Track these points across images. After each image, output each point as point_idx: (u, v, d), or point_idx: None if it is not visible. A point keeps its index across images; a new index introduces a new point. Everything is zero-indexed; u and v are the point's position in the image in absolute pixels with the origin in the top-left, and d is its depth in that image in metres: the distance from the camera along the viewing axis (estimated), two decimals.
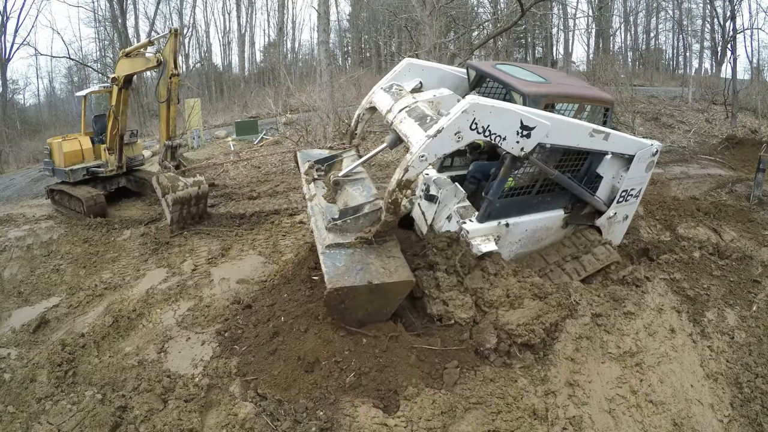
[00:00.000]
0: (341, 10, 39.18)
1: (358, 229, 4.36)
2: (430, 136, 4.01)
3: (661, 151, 5.69)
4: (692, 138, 15.03)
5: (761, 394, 4.38)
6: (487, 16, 24.36)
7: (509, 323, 4.20)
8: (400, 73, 5.50)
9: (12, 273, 6.96)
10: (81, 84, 32.16)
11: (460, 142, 4.13)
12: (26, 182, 13.89)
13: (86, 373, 4.42)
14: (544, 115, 4.46)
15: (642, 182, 5.48)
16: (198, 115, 16.78)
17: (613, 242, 5.70)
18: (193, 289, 5.92)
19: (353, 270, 4.01)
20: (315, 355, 3.95)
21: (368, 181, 5.16)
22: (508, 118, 4.26)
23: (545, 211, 5.21)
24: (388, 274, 4.01)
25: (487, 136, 4.22)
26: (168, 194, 7.60)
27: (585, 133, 4.77)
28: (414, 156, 3.99)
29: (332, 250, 4.20)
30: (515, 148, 4.37)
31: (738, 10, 20.67)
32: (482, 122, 4.13)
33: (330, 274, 3.95)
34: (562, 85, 5.44)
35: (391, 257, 4.20)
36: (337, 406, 3.62)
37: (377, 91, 5.37)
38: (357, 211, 4.53)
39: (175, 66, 7.79)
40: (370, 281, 3.91)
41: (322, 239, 4.33)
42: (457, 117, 4.04)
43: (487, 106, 4.15)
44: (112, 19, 27.70)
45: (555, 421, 3.75)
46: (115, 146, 9.50)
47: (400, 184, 4.04)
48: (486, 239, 4.81)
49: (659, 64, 36.55)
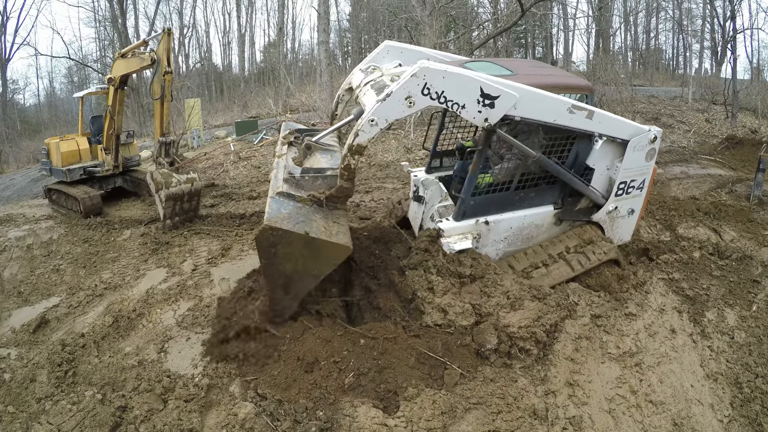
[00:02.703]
0: (341, 10, 39.21)
1: (313, 189, 4.38)
2: (380, 101, 3.97)
3: (662, 151, 5.56)
4: (692, 138, 15.03)
5: (761, 394, 4.38)
6: (487, 16, 24.35)
7: (510, 325, 4.17)
8: (379, 54, 5.43)
9: (12, 273, 6.96)
10: (81, 84, 32.17)
11: (413, 107, 4.04)
12: (26, 182, 13.89)
13: (86, 373, 4.42)
14: (510, 85, 4.22)
15: (644, 172, 5.11)
16: (198, 115, 16.78)
17: (621, 239, 5.42)
18: (193, 289, 5.92)
19: (295, 219, 4.00)
20: (314, 356, 3.95)
21: (338, 153, 5.08)
22: (465, 85, 4.07)
23: (531, 208, 4.99)
24: (328, 234, 4.00)
25: (442, 103, 4.08)
26: (161, 190, 7.75)
27: (563, 108, 4.45)
28: (364, 120, 3.97)
29: (282, 198, 4.22)
30: (478, 118, 4.19)
31: (738, 10, 20.68)
32: (435, 87, 4.00)
33: (271, 214, 3.96)
34: (528, 76, 5.03)
35: (335, 223, 4.19)
36: (337, 407, 3.62)
37: (355, 72, 5.34)
38: (318, 172, 4.57)
39: (169, 64, 7.94)
40: (307, 232, 3.88)
41: (276, 187, 4.33)
42: (407, 81, 3.95)
43: (439, 70, 3.99)
44: (112, 19, 27.74)
45: (555, 421, 3.75)
46: (112, 146, 9.61)
47: (351, 149, 4.03)
48: (463, 237, 4.68)
49: (659, 64, 36.55)
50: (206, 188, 10.83)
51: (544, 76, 5.26)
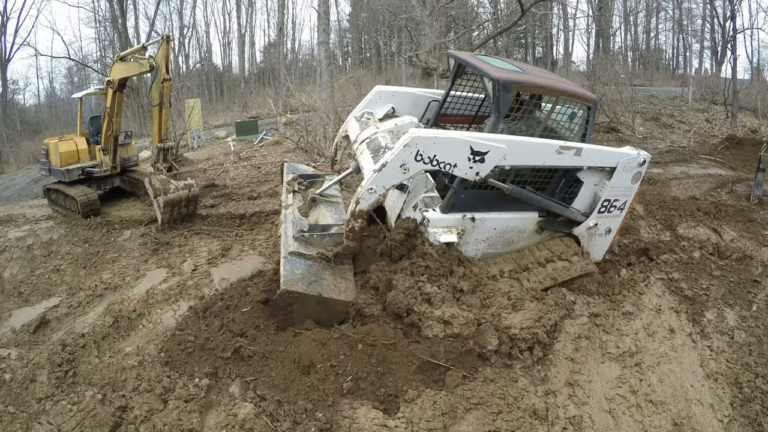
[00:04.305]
0: (341, 10, 39.21)
1: (321, 246, 4.76)
2: (376, 171, 4.23)
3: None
4: (692, 138, 15.01)
5: (761, 394, 4.38)
6: (487, 16, 24.36)
7: (512, 326, 4.15)
8: (371, 100, 5.65)
9: (12, 273, 6.95)
10: (81, 84, 32.20)
11: (408, 173, 4.27)
12: (26, 182, 13.88)
13: (86, 374, 4.42)
14: (498, 139, 4.35)
15: (627, 194, 5.16)
16: (198, 115, 16.78)
17: (594, 257, 5.38)
18: (193, 289, 5.92)
19: (308, 279, 4.38)
20: (310, 359, 3.94)
21: (342, 206, 5.57)
22: (455, 146, 4.25)
23: (517, 211, 4.94)
24: (337, 292, 4.40)
25: (435, 166, 4.28)
26: (159, 196, 7.90)
27: (551, 151, 4.58)
28: (363, 189, 4.27)
29: (294, 257, 4.58)
30: (469, 174, 4.37)
31: (738, 10, 20.67)
32: (427, 153, 4.20)
33: (287, 276, 4.32)
34: (538, 77, 5.09)
35: (343, 278, 4.60)
36: (336, 408, 3.62)
37: (350, 120, 5.57)
38: (325, 229, 4.95)
39: (168, 71, 8.04)
40: (320, 293, 4.29)
41: (287, 245, 4.72)
42: (400, 151, 4.17)
43: (430, 137, 4.20)
44: (112, 20, 27.74)
45: (555, 420, 3.75)
46: (110, 147, 9.69)
47: (354, 215, 4.35)
48: (448, 231, 4.65)
49: (659, 64, 36.56)
50: (206, 188, 10.87)
51: (553, 80, 5.33)
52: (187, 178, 8.62)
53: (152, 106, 8.60)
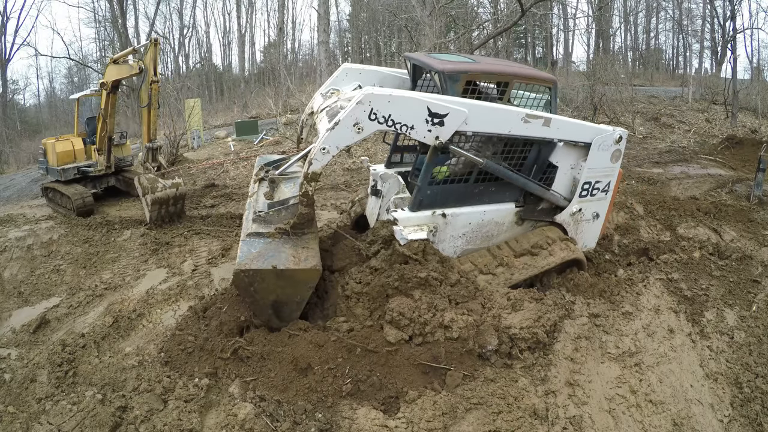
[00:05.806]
0: (341, 10, 39.24)
1: (280, 221, 4.55)
2: (329, 129, 4.08)
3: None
4: (692, 138, 15.03)
5: (761, 394, 4.38)
6: (487, 16, 24.36)
7: (512, 326, 4.14)
8: (338, 78, 5.52)
9: (12, 273, 6.95)
10: (81, 84, 32.24)
11: (362, 132, 4.11)
12: (26, 182, 13.88)
13: (86, 374, 4.42)
14: (458, 102, 4.18)
15: (609, 174, 4.94)
16: (198, 115, 16.78)
17: (586, 245, 5.21)
18: (194, 289, 5.93)
19: (264, 256, 4.19)
20: (307, 361, 3.93)
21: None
22: (411, 106, 4.10)
23: (491, 204, 4.78)
24: (296, 262, 4.17)
25: (391, 126, 4.12)
26: (147, 194, 8.10)
27: (517, 118, 4.39)
28: (316, 149, 4.10)
29: (251, 238, 4.42)
30: (428, 137, 4.21)
31: (738, 10, 20.70)
32: (382, 112, 4.05)
33: (241, 258, 4.17)
34: (489, 64, 4.96)
35: (305, 248, 4.35)
36: (336, 409, 3.62)
37: (316, 97, 5.43)
38: (282, 204, 4.75)
39: (155, 73, 8.35)
40: (275, 266, 4.07)
41: (246, 229, 4.56)
42: (353, 109, 4.02)
43: (384, 95, 4.04)
44: (112, 20, 27.76)
45: (555, 420, 3.75)
46: (104, 147, 9.86)
47: (307, 177, 4.17)
48: (418, 229, 4.53)
49: (659, 64, 36.59)
50: (206, 188, 10.91)
51: (505, 66, 5.23)
52: (175, 177, 8.85)
53: (141, 107, 8.92)
